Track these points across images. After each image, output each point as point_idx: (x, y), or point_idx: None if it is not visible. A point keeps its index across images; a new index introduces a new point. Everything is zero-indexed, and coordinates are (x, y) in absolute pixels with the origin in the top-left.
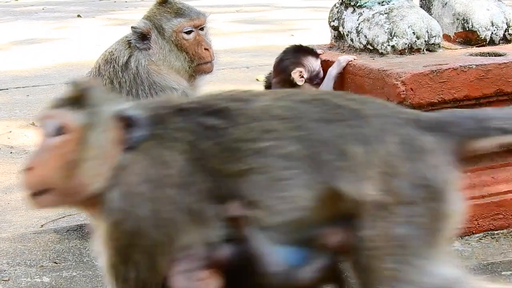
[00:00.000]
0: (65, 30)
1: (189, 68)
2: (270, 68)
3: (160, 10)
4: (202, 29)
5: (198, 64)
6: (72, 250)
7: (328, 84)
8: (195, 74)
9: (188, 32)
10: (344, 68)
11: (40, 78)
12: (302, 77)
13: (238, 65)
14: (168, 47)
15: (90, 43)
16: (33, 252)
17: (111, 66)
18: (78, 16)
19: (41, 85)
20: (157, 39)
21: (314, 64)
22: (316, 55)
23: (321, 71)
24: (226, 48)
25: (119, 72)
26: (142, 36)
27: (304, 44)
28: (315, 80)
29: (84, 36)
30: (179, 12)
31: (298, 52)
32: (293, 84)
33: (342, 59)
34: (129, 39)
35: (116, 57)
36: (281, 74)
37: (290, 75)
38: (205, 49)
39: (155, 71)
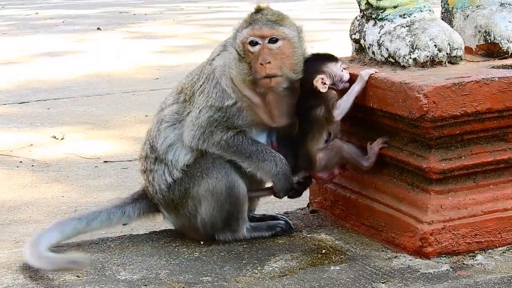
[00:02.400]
0: (85, 43)
1: (249, 80)
2: None
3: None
4: (272, 41)
5: (256, 78)
6: (94, 264)
7: (349, 97)
8: (260, 87)
9: (253, 44)
10: (366, 81)
11: (61, 90)
12: (325, 83)
13: None
14: (235, 55)
15: (110, 55)
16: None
17: (206, 60)
18: (98, 29)
19: (61, 98)
20: (233, 45)
21: (334, 68)
22: (334, 59)
23: (345, 74)
24: None
25: (206, 65)
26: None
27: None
28: (339, 84)
29: (104, 49)
30: (250, 22)
31: (316, 61)
32: (318, 93)
33: (364, 74)
34: (227, 40)
35: (212, 53)
36: (305, 86)
37: (313, 84)
38: (260, 63)
39: (225, 74)
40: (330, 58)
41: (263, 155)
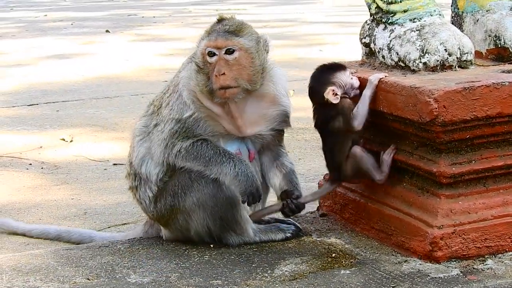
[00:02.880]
0: (94, 45)
1: (207, 91)
2: (298, 83)
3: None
4: (228, 52)
5: (213, 89)
6: (104, 267)
7: (363, 104)
8: (217, 98)
9: (211, 54)
10: (376, 85)
11: (70, 93)
12: (336, 94)
13: None
14: (194, 67)
15: (118, 58)
16: (66, 269)
17: (176, 72)
18: (107, 31)
19: (70, 100)
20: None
21: (344, 77)
22: (342, 67)
23: (355, 81)
24: None
25: (174, 77)
26: None
27: (332, 60)
28: (351, 92)
29: (113, 51)
30: (209, 32)
31: (323, 72)
32: (331, 105)
33: (373, 78)
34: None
35: (181, 64)
36: (316, 99)
37: (324, 97)
38: (215, 75)
39: (187, 85)
40: (339, 67)
41: (221, 158)
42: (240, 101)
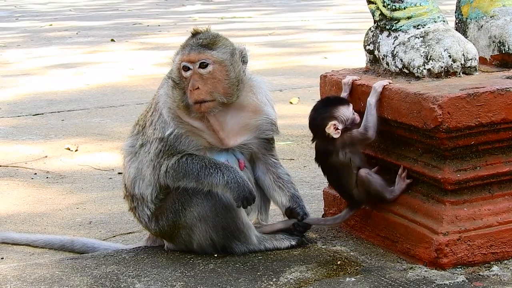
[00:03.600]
0: (99, 54)
1: (183, 106)
2: (303, 91)
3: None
4: (202, 66)
5: (189, 103)
6: (109, 276)
7: (370, 113)
8: (193, 112)
9: (186, 69)
10: (380, 93)
11: (75, 102)
12: (337, 129)
13: (271, 87)
14: (171, 83)
15: (123, 67)
16: (71, 278)
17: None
18: (112, 40)
19: (76, 109)
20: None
21: (346, 113)
22: (346, 102)
23: (356, 117)
24: (259, 71)
25: (155, 96)
26: None
27: (337, 67)
28: (352, 127)
29: (118, 60)
30: (183, 46)
31: (326, 105)
32: (331, 139)
33: (377, 86)
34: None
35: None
36: (316, 133)
37: (325, 131)
38: (190, 90)
39: (165, 103)
40: (342, 101)
41: (208, 169)
42: (219, 113)
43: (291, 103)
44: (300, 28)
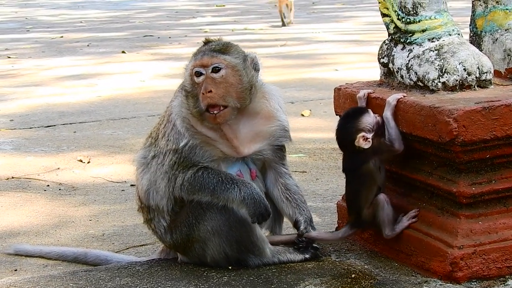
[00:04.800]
0: (110, 65)
1: (197, 112)
2: (314, 103)
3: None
4: (215, 70)
5: (202, 109)
6: None
7: (390, 126)
8: (209, 122)
9: (198, 74)
10: (395, 106)
11: (87, 114)
12: (367, 139)
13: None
14: (184, 93)
15: (135, 78)
16: None
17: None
18: (123, 52)
19: (87, 121)
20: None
21: (369, 119)
22: (365, 110)
23: (378, 118)
24: (270, 82)
25: (168, 108)
26: None
27: (348, 80)
28: (381, 132)
29: (129, 72)
30: (196, 54)
31: (349, 121)
32: (362, 151)
33: (391, 99)
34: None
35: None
36: (348, 149)
37: (355, 145)
38: (202, 93)
39: (179, 114)
40: (361, 111)
41: (225, 185)
42: (233, 121)
43: (302, 115)
44: (312, 39)
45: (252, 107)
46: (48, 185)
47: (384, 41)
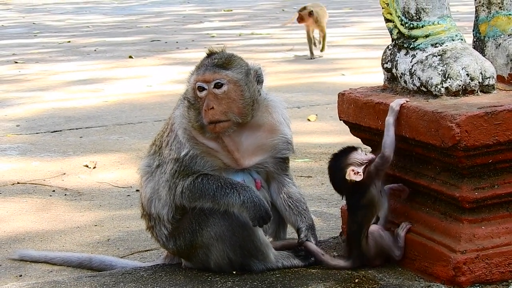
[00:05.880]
0: (117, 70)
1: (198, 125)
2: (321, 108)
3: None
4: (217, 86)
5: (203, 124)
6: None
7: (388, 133)
8: (208, 132)
9: (201, 89)
10: (398, 111)
11: (93, 119)
12: (357, 172)
13: (289, 104)
14: (186, 103)
15: (142, 83)
16: None
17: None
18: (130, 57)
19: (94, 126)
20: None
21: (358, 156)
22: (354, 149)
23: (370, 156)
24: (277, 87)
25: (171, 116)
26: None
27: (355, 84)
28: (375, 162)
29: (136, 77)
30: (198, 67)
31: (338, 160)
32: (356, 184)
33: (394, 105)
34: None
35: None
36: (342, 186)
37: (347, 180)
38: (204, 110)
39: (181, 124)
40: (350, 150)
41: (225, 189)
42: (234, 133)
43: (309, 120)
44: (318, 44)
45: (255, 120)
46: (53, 191)
47: (388, 47)
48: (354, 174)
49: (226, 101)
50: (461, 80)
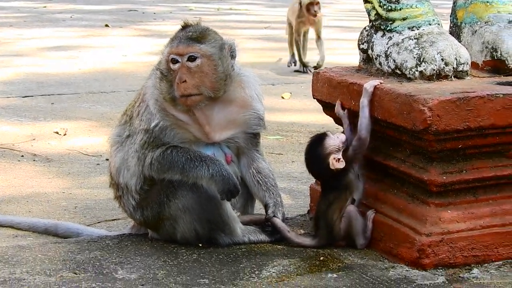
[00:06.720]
0: (93, 38)
1: (170, 98)
2: (296, 86)
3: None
4: (190, 59)
5: (175, 96)
6: (92, 261)
7: (363, 115)
8: (179, 105)
9: (174, 62)
10: (372, 93)
11: (66, 86)
12: (339, 159)
13: (263, 81)
14: (158, 74)
15: (117, 53)
16: (53, 262)
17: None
18: (106, 25)
19: (66, 93)
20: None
21: (333, 141)
22: (325, 135)
23: (342, 136)
24: (252, 63)
25: (143, 87)
26: None
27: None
28: (347, 146)
29: (111, 46)
30: (173, 39)
31: (314, 150)
32: (340, 171)
33: (368, 86)
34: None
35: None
36: (323, 175)
37: (332, 170)
38: (177, 83)
39: (152, 94)
40: (322, 137)
41: (194, 162)
42: (206, 107)
43: (283, 97)
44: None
45: (227, 95)
46: (22, 156)
47: (365, 28)
48: (337, 162)
49: (199, 74)
50: (435, 65)
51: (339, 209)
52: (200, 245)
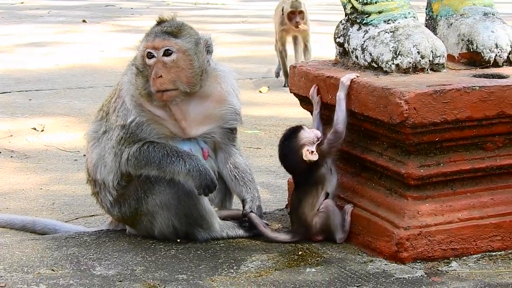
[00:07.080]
0: (70, 34)
1: (145, 93)
2: (273, 80)
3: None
4: (166, 54)
5: (151, 91)
6: (69, 258)
7: (340, 108)
8: (155, 100)
9: (150, 56)
10: (348, 86)
11: (43, 82)
12: (312, 151)
13: (241, 75)
14: (134, 70)
15: (94, 48)
16: (31, 259)
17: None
18: (83, 21)
19: (43, 89)
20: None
21: (307, 134)
22: (300, 128)
23: (316, 132)
24: (230, 58)
25: (119, 82)
26: None
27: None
28: (321, 140)
29: (89, 42)
30: (148, 34)
31: (288, 142)
32: (313, 164)
33: (344, 80)
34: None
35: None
36: (295, 168)
37: (306, 162)
38: (153, 78)
39: (128, 90)
40: (297, 129)
41: (171, 157)
42: (182, 102)
43: (260, 92)
44: (272, 17)
45: (203, 90)
46: (0, 152)
47: (341, 21)
48: (310, 154)
49: (175, 69)
50: (411, 58)
51: (312, 204)
52: (178, 240)
